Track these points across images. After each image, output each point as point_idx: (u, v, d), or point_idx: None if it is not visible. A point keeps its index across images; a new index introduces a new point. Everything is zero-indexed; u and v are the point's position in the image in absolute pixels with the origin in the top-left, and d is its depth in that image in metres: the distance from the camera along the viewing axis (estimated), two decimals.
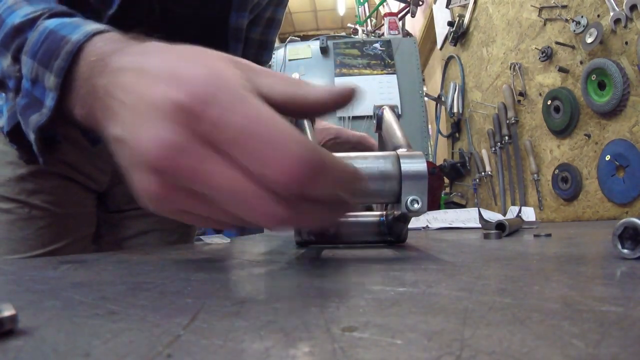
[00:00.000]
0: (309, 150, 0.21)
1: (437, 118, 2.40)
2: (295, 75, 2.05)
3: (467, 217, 1.69)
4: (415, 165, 0.35)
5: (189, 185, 0.22)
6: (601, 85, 1.12)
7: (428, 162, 2.03)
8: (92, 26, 0.31)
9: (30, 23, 0.34)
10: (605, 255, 0.35)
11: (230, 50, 0.69)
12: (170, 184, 0.23)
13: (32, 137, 0.35)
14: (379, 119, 0.54)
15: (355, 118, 2.17)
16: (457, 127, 2.20)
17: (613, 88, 1.07)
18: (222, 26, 0.68)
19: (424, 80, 2.81)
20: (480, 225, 1.12)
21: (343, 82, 2.25)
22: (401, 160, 0.36)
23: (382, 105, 0.54)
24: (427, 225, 1.28)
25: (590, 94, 1.16)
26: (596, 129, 1.18)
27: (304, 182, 0.21)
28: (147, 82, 0.23)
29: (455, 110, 2.10)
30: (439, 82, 2.55)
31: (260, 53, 0.86)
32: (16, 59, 0.35)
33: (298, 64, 2.35)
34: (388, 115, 0.52)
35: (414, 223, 1.54)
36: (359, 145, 0.71)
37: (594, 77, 1.13)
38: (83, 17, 0.34)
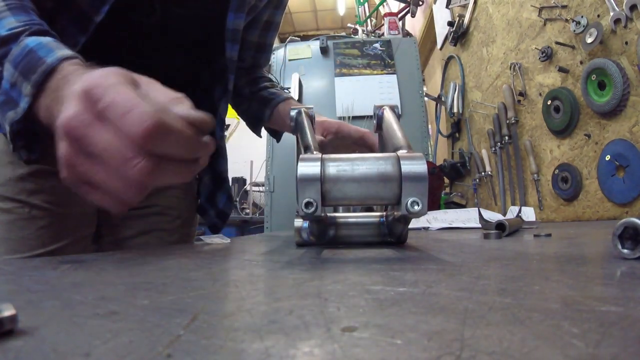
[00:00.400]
0: (156, 117, 0.30)
1: (437, 118, 2.40)
2: (295, 76, 2.07)
3: (467, 217, 1.69)
4: (415, 166, 0.35)
5: (85, 147, 0.32)
6: (601, 85, 1.12)
7: (428, 162, 2.03)
8: (63, 52, 0.41)
9: (14, 37, 0.43)
10: (605, 255, 0.35)
11: (226, 52, 0.70)
12: (75, 148, 0.32)
13: (7, 129, 0.43)
14: (379, 119, 0.54)
15: (355, 118, 2.17)
16: (457, 127, 2.20)
17: (613, 88, 1.06)
18: (219, 27, 0.68)
19: (424, 80, 2.81)
20: (480, 226, 1.12)
21: (343, 82, 2.26)
22: (401, 162, 0.36)
23: (383, 105, 0.54)
24: (427, 226, 1.28)
25: (590, 94, 1.16)
26: (596, 129, 1.18)
27: (153, 135, 0.30)
28: (75, 86, 0.34)
29: (455, 110, 2.10)
30: (439, 82, 2.55)
31: (258, 56, 0.86)
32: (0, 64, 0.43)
33: (298, 64, 2.35)
34: (388, 116, 0.52)
35: (414, 223, 1.54)
36: (360, 141, 0.71)
37: (594, 77, 1.13)
38: (55, 39, 0.44)
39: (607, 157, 1.12)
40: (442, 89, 2.47)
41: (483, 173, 1.89)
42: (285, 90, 2.29)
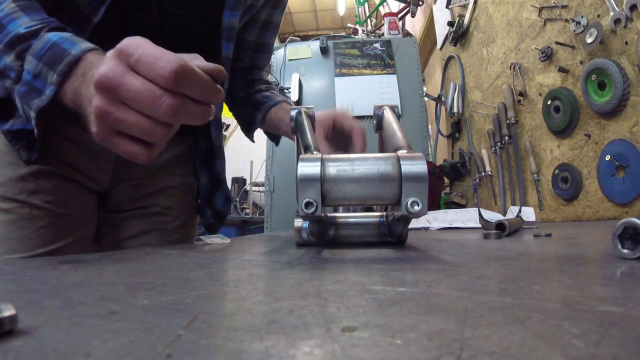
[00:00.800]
0: (181, 61, 0.36)
1: (437, 118, 2.40)
2: (295, 76, 2.06)
3: (467, 217, 1.69)
4: (415, 166, 0.35)
5: (119, 93, 0.36)
6: (601, 85, 1.12)
7: (428, 162, 2.03)
8: (86, 44, 0.45)
9: (33, 34, 0.46)
10: (605, 255, 0.35)
11: (222, 50, 0.69)
12: (109, 98, 0.37)
13: (33, 115, 0.46)
14: (379, 119, 0.54)
15: (355, 118, 2.17)
16: (457, 127, 2.20)
17: (613, 88, 1.06)
18: (215, 26, 0.68)
19: (424, 80, 2.81)
20: (480, 226, 1.12)
21: (343, 82, 2.25)
22: (402, 162, 0.36)
23: (383, 105, 0.54)
24: (427, 226, 1.29)
25: (590, 94, 1.16)
26: (596, 129, 1.18)
27: (179, 77, 0.35)
28: (105, 56, 0.39)
29: (455, 110, 2.10)
30: (439, 82, 2.55)
31: (256, 56, 0.86)
32: (19, 57, 0.46)
33: (298, 64, 2.35)
34: (388, 116, 0.52)
35: (414, 223, 1.54)
36: (348, 139, 0.70)
37: (594, 77, 1.13)
38: (73, 33, 0.47)
39: (607, 157, 1.12)
40: (442, 89, 2.47)
41: (483, 173, 1.89)
42: (285, 91, 2.30)
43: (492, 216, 1.65)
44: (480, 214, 1.25)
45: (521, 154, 1.60)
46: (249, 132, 0.87)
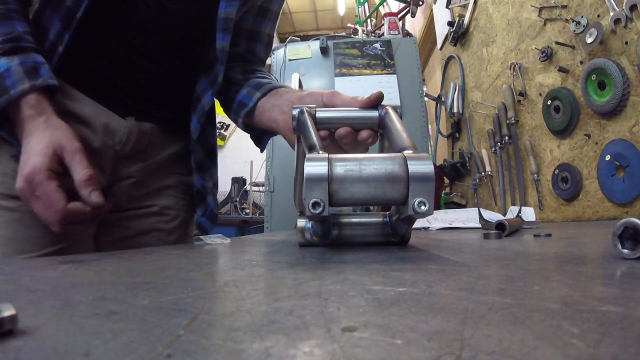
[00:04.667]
0: (60, 220, 0.52)
1: (437, 118, 2.40)
2: (295, 76, 2.05)
3: (467, 217, 1.69)
4: (422, 167, 0.35)
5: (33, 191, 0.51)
6: (601, 85, 1.12)
7: None
8: (24, 85, 0.52)
9: None
10: (605, 255, 0.35)
11: (217, 42, 0.67)
12: (28, 186, 0.51)
13: None
14: (381, 119, 0.53)
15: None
16: (457, 127, 2.20)
17: (613, 88, 1.06)
18: (211, 18, 0.67)
19: (424, 80, 2.81)
20: (480, 225, 1.12)
21: (343, 82, 2.25)
22: (409, 162, 0.36)
23: (385, 105, 0.54)
24: (427, 226, 1.29)
25: (590, 94, 1.16)
26: (596, 129, 1.18)
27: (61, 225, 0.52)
28: (24, 153, 0.54)
29: (455, 110, 2.10)
30: (439, 82, 2.55)
31: (252, 45, 0.82)
32: None
33: (298, 64, 2.35)
34: (392, 116, 0.52)
35: (414, 223, 1.52)
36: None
37: (594, 77, 1.13)
38: (25, 61, 0.54)
39: (607, 157, 1.12)
40: (442, 89, 2.47)
41: (483, 173, 1.89)
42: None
43: (492, 216, 1.65)
44: (480, 214, 1.25)
45: (521, 154, 1.60)
46: (237, 116, 0.77)
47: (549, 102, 1.37)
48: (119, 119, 0.69)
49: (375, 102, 0.53)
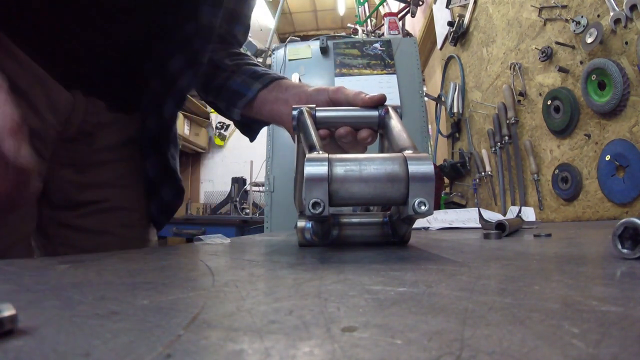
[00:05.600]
0: None
1: (437, 118, 2.40)
2: (295, 76, 2.04)
3: (467, 217, 1.69)
4: (422, 167, 0.35)
5: None
6: (601, 85, 1.12)
7: None
8: None
9: None
10: (605, 255, 0.35)
11: (203, 17, 0.62)
12: None
13: None
14: (381, 119, 0.54)
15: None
16: (457, 127, 2.20)
17: (613, 88, 1.06)
18: None
19: (424, 80, 2.81)
20: (480, 225, 1.12)
21: (343, 82, 2.25)
22: (409, 163, 0.36)
23: (386, 105, 0.54)
24: (427, 226, 1.29)
25: (590, 94, 1.16)
26: (596, 129, 1.18)
27: None
28: None
29: (455, 110, 2.10)
30: (439, 82, 2.55)
31: (232, 26, 0.77)
32: None
33: (298, 64, 2.35)
34: (392, 116, 0.52)
35: (414, 223, 1.53)
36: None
37: (594, 77, 1.13)
38: None
39: (607, 157, 1.12)
40: (442, 89, 2.47)
41: (483, 173, 1.89)
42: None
43: (492, 216, 1.65)
44: (480, 214, 1.25)
45: (521, 154, 1.60)
46: (231, 108, 0.71)
47: (549, 102, 1.36)
48: (63, 91, 0.57)
49: (377, 102, 0.53)
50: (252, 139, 0.80)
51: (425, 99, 2.35)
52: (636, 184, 1.04)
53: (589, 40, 1.11)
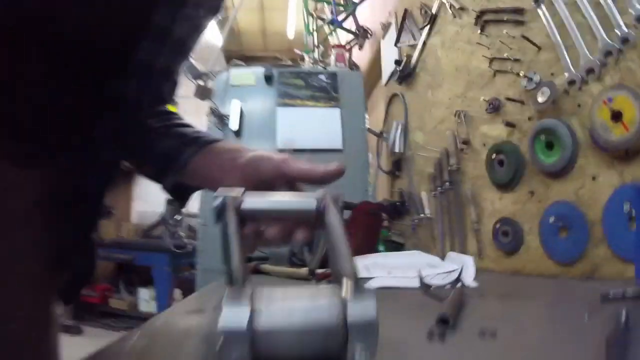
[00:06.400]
0: None
1: (378, 154, 2.35)
2: (236, 103, 1.88)
3: (408, 262, 1.62)
4: (365, 311, 0.29)
5: None
6: (549, 145, 1.11)
7: (369, 203, 1.96)
8: None
9: None
10: None
11: (141, 52, 0.54)
12: None
13: None
14: (320, 213, 0.45)
15: (296, 151, 2.07)
16: (398, 165, 2.17)
17: (562, 150, 1.05)
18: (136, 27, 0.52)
19: (366, 112, 2.78)
20: (420, 281, 1.07)
21: (286, 112, 2.15)
22: (349, 307, 0.29)
23: (324, 193, 0.46)
24: (366, 277, 1.21)
25: (537, 153, 1.15)
26: (540, 187, 1.17)
27: None
28: None
29: (397, 150, 2.07)
30: (381, 117, 2.53)
31: (161, 83, 0.67)
32: None
33: (241, 91, 2.21)
34: (332, 214, 0.43)
35: None
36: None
37: (542, 137, 1.11)
38: None
39: (551, 218, 1.10)
40: (384, 125, 2.44)
41: (422, 215, 1.85)
42: (225, 118, 2.13)
43: (432, 261, 1.59)
44: (421, 280, 1.17)
45: (462, 201, 1.57)
46: (163, 174, 0.64)
47: (494, 155, 1.35)
48: None
49: (335, 176, 0.48)
50: (182, 205, 0.73)
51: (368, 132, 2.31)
52: (578, 245, 1.02)
53: (541, 100, 1.10)
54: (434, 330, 0.60)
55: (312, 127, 2.17)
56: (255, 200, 0.45)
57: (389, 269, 1.55)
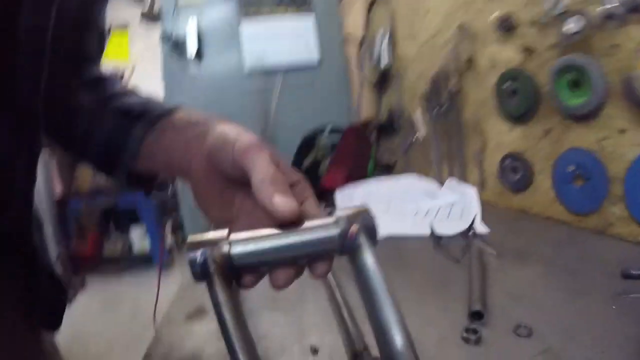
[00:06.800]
0: None
1: (361, 67, 2.11)
2: (192, 21, 1.59)
3: (405, 190, 1.58)
4: None
5: None
6: (574, 84, 0.96)
7: (357, 126, 1.82)
8: None
9: None
10: None
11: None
12: None
13: None
14: (347, 246, 0.33)
15: (268, 73, 1.83)
16: (384, 79, 1.96)
17: (590, 93, 0.92)
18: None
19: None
20: (431, 232, 1.07)
21: (251, 26, 1.83)
22: None
23: (350, 219, 0.34)
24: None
25: (559, 90, 1.00)
26: (558, 127, 1.06)
27: None
28: None
29: (384, 63, 1.84)
30: (358, 21, 2.20)
31: (83, 36, 0.54)
32: None
33: (194, 9, 1.83)
34: (365, 252, 0.33)
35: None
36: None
37: (568, 74, 0.96)
38: None
39: (568, 166, 1.02)
40: (365, 32, 2.14)
41: (416, 135, 1.74)
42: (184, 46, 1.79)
43: (430, 189, 1.55)
44: (432, 231, 1.12)
45: (462, 127, 1.46)
46: (115, 167, 0.51)
47: (504, 83, 1.19)
48: None
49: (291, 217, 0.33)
50: (147, 193, 0.59)
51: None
52: (594, 199, 0.96)
53: (569, 30, 0.92)
54: (468, 326, 0.59)
55: (283, 41, 1.88)
56: (250, 244, 0.33)
57: (387, 201, 1.49)
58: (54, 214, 3.78)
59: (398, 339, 0.27)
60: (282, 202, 0.33)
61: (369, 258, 0.32)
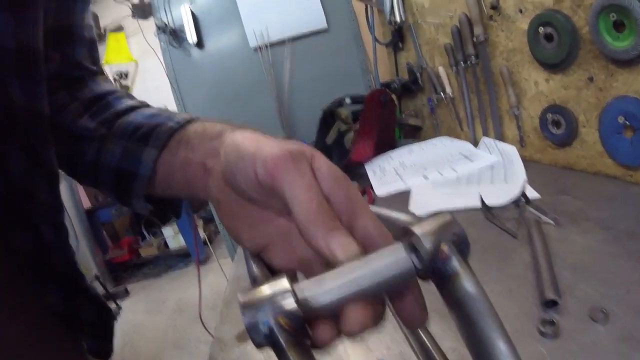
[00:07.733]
0: None
1: (371, 27, 1.95)
2: (186, 9, 1.53)
3: (440, 155, 1.51)
4: None
5: None
6: (618, 25, 0.85)
7: (379, 90, 1.72)
8: None
9: None
10: None
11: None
12: None
13: None
14: (436, 270, 0.26)
15: (273, 45, 1.74)
16: (399, 35, 1.82)
17: (636, 34, 0.80)
18: None
19: None
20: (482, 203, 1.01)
21: None
22: None
23: (440, 236, 0.26)
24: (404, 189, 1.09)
25: (601, 32, 0.89)
26: (602, 73, 0.95)
27: None
28: None
29: (397, 18, 1.70)
30: None
31: (68, 50, 0.50)
32: None
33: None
34: (464, 277, 0.25)
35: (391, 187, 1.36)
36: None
37: (612, 15, 0.84)
38: None
39: (616, 116, 0.92)
40: None
41: (442, 94, 1.63)
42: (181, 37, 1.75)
43: (465, 150, 1.47)
44: (482, 201, 1.06)
45: (494, 79, 1.34)
46: (129, 195, 0.46)
47: (541, 29, 1.07)
48: None
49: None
50: (164, 221, 0.55)
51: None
52: None
53: None
54: (544, 317, 0.55)
55: (285, 8, 1.77)
56: (319, 288, 0.25)
57: (423, 169, 1.43)
58: (86, 227, 3.87)
59: None
60: (339, 248, 0.26)
61: (469, 285, 0.25)
